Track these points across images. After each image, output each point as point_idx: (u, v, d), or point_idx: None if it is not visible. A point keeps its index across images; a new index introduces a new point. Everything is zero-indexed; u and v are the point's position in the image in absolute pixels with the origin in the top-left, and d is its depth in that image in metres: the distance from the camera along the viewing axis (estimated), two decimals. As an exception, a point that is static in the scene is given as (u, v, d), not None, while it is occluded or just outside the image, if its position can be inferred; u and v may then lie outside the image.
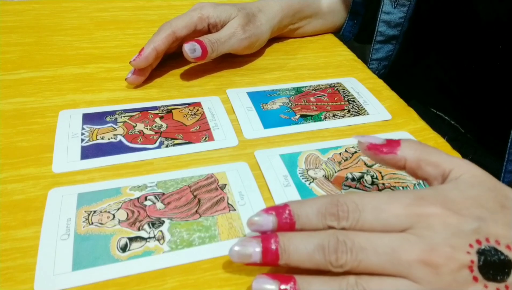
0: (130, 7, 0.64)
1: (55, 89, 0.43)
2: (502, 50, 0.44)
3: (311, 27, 0.58)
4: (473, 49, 0.47)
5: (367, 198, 0.24)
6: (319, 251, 0.23)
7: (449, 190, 0.24)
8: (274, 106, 0.43)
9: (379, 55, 0.56)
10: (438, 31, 0.52)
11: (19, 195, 0.31)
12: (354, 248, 0.23)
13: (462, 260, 0.22)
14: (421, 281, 0.22)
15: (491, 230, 0.23)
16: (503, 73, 0.44)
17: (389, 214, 0.23)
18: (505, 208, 0.24)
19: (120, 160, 0.35)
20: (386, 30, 0.54)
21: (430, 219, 0.23)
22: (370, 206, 0.24)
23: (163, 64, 0.49)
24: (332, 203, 0.24)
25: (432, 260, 0.22)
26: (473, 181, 0.25)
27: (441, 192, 0.24)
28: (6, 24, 0.56)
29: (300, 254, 0.23)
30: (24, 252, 0.27)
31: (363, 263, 0.23)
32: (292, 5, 0.54)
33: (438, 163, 0.26)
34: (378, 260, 0.23)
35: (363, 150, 0.28)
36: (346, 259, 0.23)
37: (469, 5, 0.46)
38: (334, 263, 0.23)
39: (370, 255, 0.23)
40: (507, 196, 0.24)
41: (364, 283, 0.23)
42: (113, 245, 0.28)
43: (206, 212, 0.30)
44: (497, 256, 0.22)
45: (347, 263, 0.23)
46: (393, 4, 0.52)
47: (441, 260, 0.22)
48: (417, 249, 0.22)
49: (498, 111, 0.46)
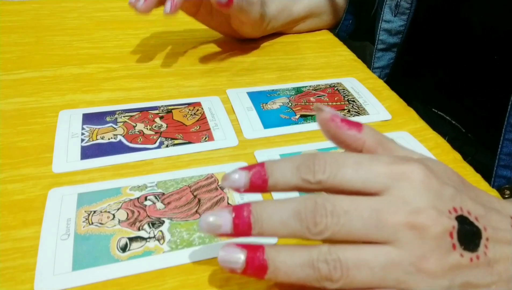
0: (130, 7, 0.63)
1: (55, 89, 0.43)
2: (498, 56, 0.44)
3: (305, 26, 0.59)
4: (470, 54, 0.48)
5: (348, 154, 0.23)
6: (295, 217, 0.21)
7: (425, 160, 0.24)
8: (274, 106, 0.43)
9: (381, 63, 0.56)
10: (436, 39, 0.52)
11: (19, 195, 0.31)
12: (335, 211, 0.21)
13: (445, 224, 0.21)
14: (404, 246, 0.21)
15: (463, 201, 0.22)
16: (502, 73, 0.44)
17: (371, 170, 0.22)
18: (466, 185, 0.24)
19: (120, 160, 0.35)
20: (387, 38, 0.55)
21: (412, 179, 0.22)
22: (351, 161, 0.22)
23: (163, 64, 0.49)
24: (309, 157, 0.23)
25: (419, 222, 0.21)
26: (434, 162, 0.24)
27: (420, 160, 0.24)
28: (6, 24, 0.56)
29: (275, 221, 0.22)
30: (24, 252, 0.27)
31: (345, 228, 0.21)
32: (289, 6, 0.55)
33: (394, 150, 0.25)
34: (363, 224, 0.21)
35: (322, 120, 0.25)
36: (326, 223, 0.21)
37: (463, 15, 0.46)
38: (313, 229, 0.21)
39: (354, 218, 0.21)
40: (463, 177, 0.25)
41: (339, 251, 0.21)
42: (113, 245, 0.28)
43: (206, 212, 0.30)
44: (471, 225, 0.22)
45: (327, 227, 0.21)
46: (393, 12, 0.53)
47: (428, 222, 0.21)
48: (403, 211, 0.21)
49: (499, 111, 0.46)
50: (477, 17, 0.45)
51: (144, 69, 0.48)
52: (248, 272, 0.22)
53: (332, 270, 0.21)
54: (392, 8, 0.53)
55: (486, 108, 0.48)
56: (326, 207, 0.21)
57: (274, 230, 0.22)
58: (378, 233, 0.21)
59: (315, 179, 0.22)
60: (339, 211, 0.21)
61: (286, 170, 0.23)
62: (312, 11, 0.58)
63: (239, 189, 0.23)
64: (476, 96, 0.49)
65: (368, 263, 0.21)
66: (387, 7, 0.53)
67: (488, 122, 0.48)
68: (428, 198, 0.22)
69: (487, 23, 0.45)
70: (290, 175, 0.23)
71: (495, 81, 0.46)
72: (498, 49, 0.44)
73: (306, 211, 0.21)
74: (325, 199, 0.21)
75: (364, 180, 0.22)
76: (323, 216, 0.21)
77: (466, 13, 0.46)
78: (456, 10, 0.48)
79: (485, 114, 0.48)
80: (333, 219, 0.21)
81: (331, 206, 0.21)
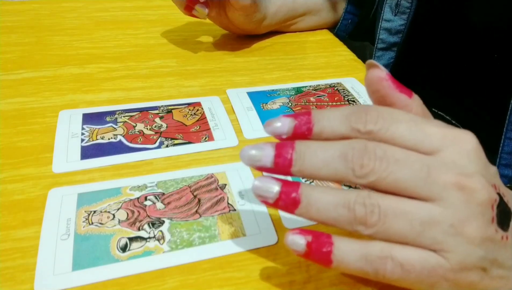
0: (130, 7, 0.64)
1: (55, 89, 0.43)
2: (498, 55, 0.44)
3: (303, 24, 0.59)
4: (471, 53, 0.48)
5: (402, 111, 0.22)
6: (341, 157, 0.20)
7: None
8: (274, 106, 0.43)
9: (381, 62, 0.56)
10: (436, 38, 0.52)
11: (19, 195, 0.31)
12: (386, 157, 0.20)
13: (491, 194, 0.21)
14: (449, 206, 0.20)
15: (499, 182, 0.22)
16: (502, 72, 0.44)
17: (424, 129, 0.21)
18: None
19: (120, 160, 0.35)
20: (387, 38, 0.55)
21: (464, 145, 0.21)
22: (406, 117, 0.21)
23: (163, 64, 0.49)
24: (361, 107, 0.21)
25: (468, 184, 0.20)
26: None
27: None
28: (6, 24, 0.56)
29: (318, 159, 0.21)
30: (24, 252, 0.27)
31: (393, 176, 0.20)
32: (286, 3, 0.55)
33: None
34: (412, 175, 0.20)
35: (375, 78, 0.23)
36: (374, 166, 0.20)
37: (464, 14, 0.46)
38: (358, 171, 0.20)
39: (403, 168, 0.20)
40: None
41: (380, 198, 0.20)
42: (113, 245, 0.28)
43: (206, 212, 0.30)
44: (505, 205, 0.22)
45: (374, 171, 0.20)
46: (393, 11, 0.53)
47: (477, 186, 0.21)
48: (454, 172, 0.21)
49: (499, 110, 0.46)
50: (478, 16, 0.45)
51: (144, 69, 0.48)
52: (280, 204, 0.22)
53: (369, 214, 0.20)
54: (392, 7, 0.53)
55: (486, 107, 0.48)
56: (376, 152, 0.20)
57: (315, 169, 0.21)
58: (425, 188, 0.20)
59: (366, 128, 0.21)
60: (389, 158, 0.20)
61: (334, 118, 0.22)
62: (310, 8, 0.58)
63: (282, 136, 0.22)
64: (476, 96, 0.49)
65: (408, 215, 0.20)
66: (387, 6, 0.53)
67: (488, 122, 0.48)
68: (478, 165, 0.21)
69: (487, 22, 0.45)
70: (339, 123, 0.21)
71: (496, 80, 0.46)
72: (499, 48, 0.44)
73: (354, 152, 0.20)
74: (376, 145, 0.21)
75: (416, 137, 0.21)
76: (371, 160, 0.20)
77: (467, 13, 0.46)
78: (457, 9, 0.48)
79: (485, 114, 0.49)
80: (382, 165, 0.20)
81: (382, 152, 0.20)
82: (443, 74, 0.53)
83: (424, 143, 0.21)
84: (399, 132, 0.21)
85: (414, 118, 0.22)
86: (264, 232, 0.29)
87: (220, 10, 0.51)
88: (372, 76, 0.23)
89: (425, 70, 0.56)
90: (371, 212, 0.20)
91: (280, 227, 0.30)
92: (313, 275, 0.27)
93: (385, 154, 0.20)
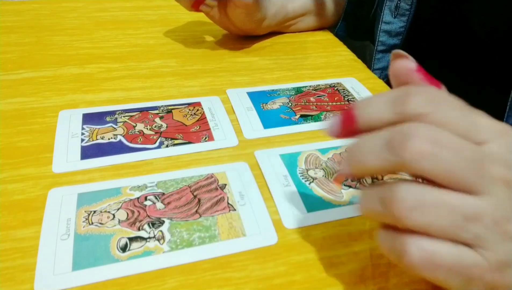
0: (130, 7, 0.64)
1: (55, 89, 0.43)
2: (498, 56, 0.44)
3: (303, 25, 0.59)
4: (471, 55, 0.48)
5: (451, 97, 0.21)
6: (387, 145, 0.20)
7: None
8: (274, 106, 0.43)
9: (381, 64, 0.56)
10: (436, 40, 0.52)
11: (19, 195, 0.31)
12: (439, 142, 0.19)
13: None
14: (494, 201, 0.20)
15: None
16: (502, 74, 0.44)
17: (474, 119, 0.20)
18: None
19: (120, 160, 0.35)
20: (387, 40, 0.55)
21: (510, 139, 0.21)
22: (456, 104, 0.20)
23: (163, 64, 0.49)
24: (408, 90, 0.20)
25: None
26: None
27: None
28: (6, 24, 0.56)
29: (364, 151, 0.20)
30: (24, 252, 0.27)
31: (445, 163, 0.19)
32: (285, 4, 0.55)
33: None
34: (464, 164, 0.19)
35: (404, 69, 0.22)
36: (426, 151, 0.19)
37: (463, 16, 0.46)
38: (407, 156, 0.19)
39: (456, 155, 0.19)
40: None
41: (422, 187, 0.20)
42: (113, 245, 0.28)
43: (206, 212, 0.30)
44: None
45: (425, 157, 0.19)
46: (393, 14, 0.53)
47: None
48: (505, 166, 0.20)
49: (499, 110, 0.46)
50: (477, 17, 0.45)
51: (144, 69, 0.48)
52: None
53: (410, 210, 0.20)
54: (392, 9, 0.53)
55: (486, 108, 0.48)
56: (430, 134, 0.19)
57: (362, 162, 0.21)
58: (475, 178, 0.20)
59: (417, 111, 0.20)
60: (444, 144, 0.19)
61: (379, 105, 0.21)
62: (310, 9, 0.58)
63: (335, 137, 0.23)
64: (476, 96, 0.49)
65: (451, 207, 0.20)
66: (387, 9, 0.53)
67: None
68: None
69: (487, 23, 0.45)
70: (384, 109, 0.21)
71: (495, 81, 0.46)
72: (498, 49, 0.44)
73: (401, 135, 0.20)
74: (430, 129, 0.20)
75: (467, 126, 0.20)
76: (423, 144, 0.19)
77: (466, 14, 0.47)
78: (456, 11, 0.48)
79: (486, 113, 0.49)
80: (434, 149, 0.19)
81: (436, 134, 0.19)
82: (443, 75, 0.53)
83: (475, 132, 0.20)
84: (448, 116, 0.20)
85: (464, 106, 0.21)
86: (264, 232, 0.29)
87: (221, 8, 0.51)
88: (400, 67, 0.22)
89: (425, 66, 0.56)
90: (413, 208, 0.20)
91: (280, 227, 0.30)
92: (313, 275, 0.27)
93: (439, 137, 0.19)
